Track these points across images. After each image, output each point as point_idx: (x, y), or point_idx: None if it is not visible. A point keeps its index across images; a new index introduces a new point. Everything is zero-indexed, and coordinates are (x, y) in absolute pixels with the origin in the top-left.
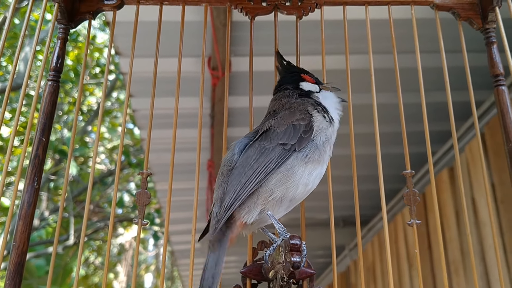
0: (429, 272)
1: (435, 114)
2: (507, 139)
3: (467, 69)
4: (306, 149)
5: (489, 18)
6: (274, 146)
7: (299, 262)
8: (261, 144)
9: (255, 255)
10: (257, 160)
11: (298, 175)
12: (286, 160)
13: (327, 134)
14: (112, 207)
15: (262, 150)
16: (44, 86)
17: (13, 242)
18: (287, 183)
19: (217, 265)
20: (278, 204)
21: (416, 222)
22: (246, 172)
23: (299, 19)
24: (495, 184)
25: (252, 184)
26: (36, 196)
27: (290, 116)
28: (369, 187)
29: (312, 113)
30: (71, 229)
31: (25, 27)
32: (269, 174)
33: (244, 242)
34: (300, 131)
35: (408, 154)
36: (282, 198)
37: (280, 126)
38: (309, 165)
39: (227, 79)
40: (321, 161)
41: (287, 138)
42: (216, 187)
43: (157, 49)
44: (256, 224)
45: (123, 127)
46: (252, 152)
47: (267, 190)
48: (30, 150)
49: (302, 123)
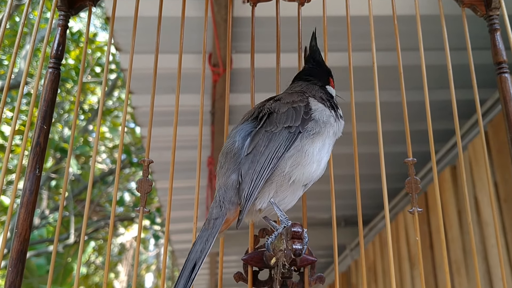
0: (431, 272)
1: (437, 112)
2: (510, 127)
3: (471, 64)
4: (308, 127)
5: (493, 5)
6: (280, 130)
7: (300, 250)
8: (268, 130)
9: (256, 242)
10: (267, 146)
11: (310, 152)
12: (293, 141)
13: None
14: (112, 206)
15: (270, 136)
16: (45, 74)
17: (15, 229)
18: (302, 162)
19: (208, 240)
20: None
21: (417, 210)
22: (259, 160)
23: (301, 5)
24: (498, 182)
25: (267, 170)
26: (38, 183)
27: (288, 98)
28: (370, 186)
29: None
30: (72, 228)
31: (22, 24)
32: (281, 158)
33: (244, 242)
34: (301, 112)
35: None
36: (299, 179)
37: (281, 108)
38: (315, 140)
39: (228, 76)
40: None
41: (291, 121)
42: (220, 175)
43: (157, 45)
44: (264, 212)
45: (123, 124)
46: (261, 140)
47: (285, 175)
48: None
49: (301, 105)
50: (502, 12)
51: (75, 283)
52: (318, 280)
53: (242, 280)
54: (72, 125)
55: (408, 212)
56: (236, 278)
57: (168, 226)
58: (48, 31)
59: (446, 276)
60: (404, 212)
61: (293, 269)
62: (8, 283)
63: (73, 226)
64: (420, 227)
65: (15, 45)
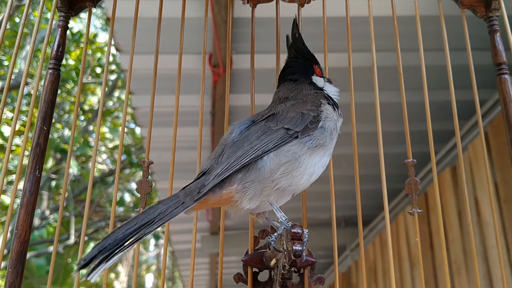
0: (431, 272)
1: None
2: (510, 128)
3: (471, 65)
4: (312, 135)
5: (493, 6)
6: (278, 128)
7: (300, 251)
8: (267, 125)
9: (256, 243)
10: (258, 137)
11: (304, 164)
12: (285, 143)
13: (337, 125)
14: (112, 207)
15: (266, 130)
16: (45, 75)
17: (15, 230)
18: (293, 172)
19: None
20: (280, 195)
21: (417, 211)
22: (245, 147)
23: (301, 6)
24: (498, 183)
25: (246, 159)
26: (38, 184)
27: (301, 106)
28: (370, 186)
29: (323, 104)
30: (72, 228)
31: (22, 25)
32: (266, 153)
33: (244, 243)
34: (308, 120)
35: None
36: (285, 189)
37: (290, 112)
38: (315, 152)
39: (228, 77)
40: (326, 149)
41: (293, 124)
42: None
43: (157, 46)
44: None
45: (123, 124)
46: (255, 131)
47: (273, 180)
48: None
49: (312, 114)
50: (502, 13)
51: (75, 283)
52: (318, 281)
53: (242, 281)
54: (73, 126)
55: (408, 213)
56: (236, 279)
57: (168, 227)
58: (48, 32)
59: (446, 277)
60: (404, 212)
61: (293, 270)
62: (8, 284)
63: (73, 226)
64: (420, 228)
65: (16, 45)
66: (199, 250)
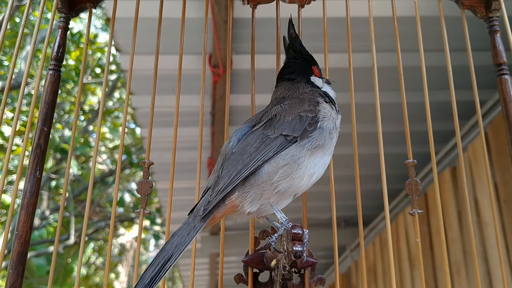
0: (431, 273)
1: (437, 113)
2: (510, 128)
3: (471, 65)
4: (311, 137)
5: (493, 7)
6: (276, 137)
7: (301, 252)
8: (264, 133)
9: (257, 244)
10: (257, 148)
11: (304, 165)
12: (285, 148)
13: (336, 124)
14: (113, 207)
15: (264, 139)
16: (46, 76)
17: (16, 231)
18: (292, 174)
19: (189, 234)
20: (280, 197)
21: (417, 212)
22: (244, 160)
23: (301, 7)
24: (498, 183)
25: (247, 171)
26: (38, 185)
27: (298, 105)
28: (370, 187)
29: (320, 103)
30: (72, 228)
31: (23, 25)
32: (266, 162)
33: (245, 243)
34: (306, 123)
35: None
36: (285, 191)
37: (287, 115)
38: (315, 153)
39: (228, 77)
40: (326, 149)
41: (291, 130)
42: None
43: (157, 46)
44: (254, 213)
45: (124, 124)
46: (253, 140)
47: (272, 183)
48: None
49: (310, 115)
50: (502, 13)
51: (75, 283)
52: (319, 281)
53: (242, 282)
54: (73, 126)
55: (408, 213)
56: (236, 280)
57: (168, 227)
58: (48, 33)
59: (446, 277)
60: (404, 213)
61: (294, 271)
62: (9, 285)
63: (74, 226)
64: (420, 228)
65: (16, 46)
66: (199, 250)
